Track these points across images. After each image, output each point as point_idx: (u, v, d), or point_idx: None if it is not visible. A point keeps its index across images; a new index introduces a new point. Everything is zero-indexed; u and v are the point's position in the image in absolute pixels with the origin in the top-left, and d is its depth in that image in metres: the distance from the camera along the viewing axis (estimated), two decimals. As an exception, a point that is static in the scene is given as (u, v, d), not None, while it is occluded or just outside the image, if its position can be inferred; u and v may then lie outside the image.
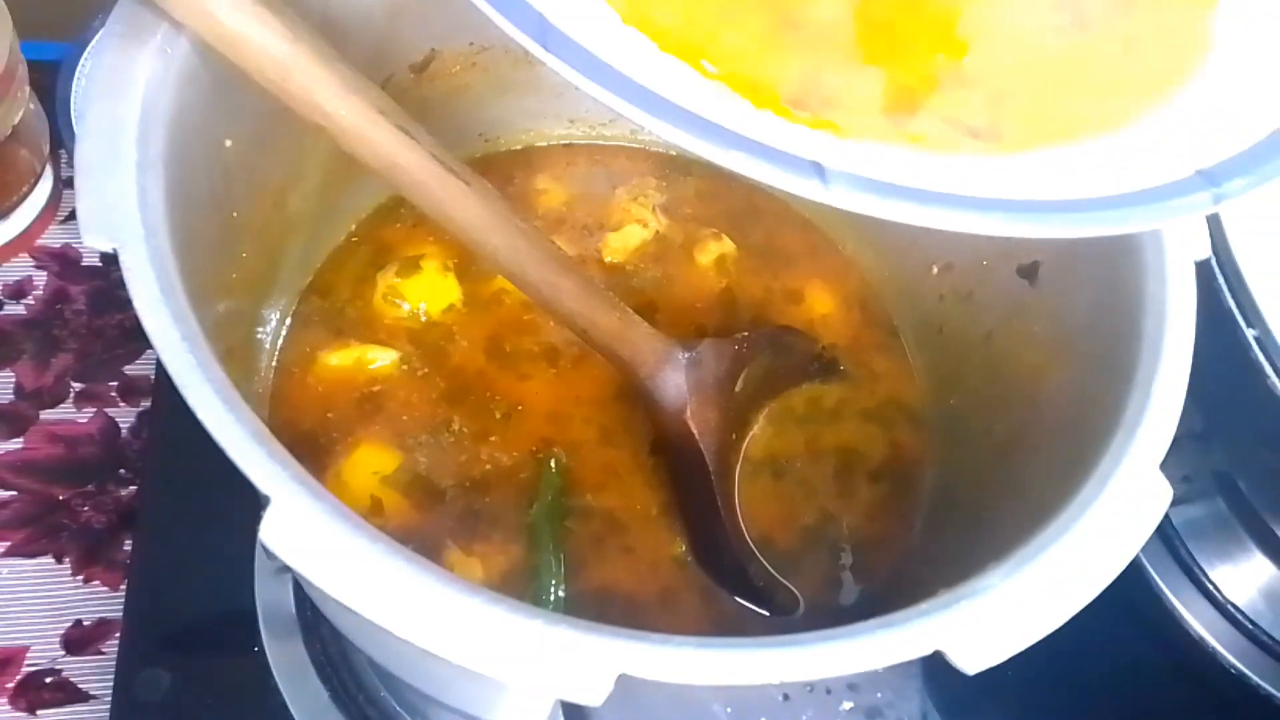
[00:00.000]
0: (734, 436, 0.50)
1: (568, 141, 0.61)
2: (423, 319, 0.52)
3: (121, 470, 0.64)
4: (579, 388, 0.51)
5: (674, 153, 0.62)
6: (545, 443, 0.49)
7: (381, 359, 0.51)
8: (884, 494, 0.51)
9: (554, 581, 0.46)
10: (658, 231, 0.58)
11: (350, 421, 0.49)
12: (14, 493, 0.62)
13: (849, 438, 0.52)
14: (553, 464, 0.48)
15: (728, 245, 0.57)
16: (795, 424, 0.52)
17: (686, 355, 0.48)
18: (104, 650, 0.58)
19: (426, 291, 0.52)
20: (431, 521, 0.47)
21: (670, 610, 0.46)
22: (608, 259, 0.57)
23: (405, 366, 0.51)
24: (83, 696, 0.57)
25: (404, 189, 0.41)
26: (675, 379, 0.47)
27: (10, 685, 0.57)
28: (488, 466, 0.48)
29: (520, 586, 0.45)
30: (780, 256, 0.58)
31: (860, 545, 0.49)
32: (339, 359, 0.50)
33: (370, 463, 0.48)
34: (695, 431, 0.47)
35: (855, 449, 0.52)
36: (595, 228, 0.58)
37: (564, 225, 0.58)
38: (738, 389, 0.49)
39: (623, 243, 0.57)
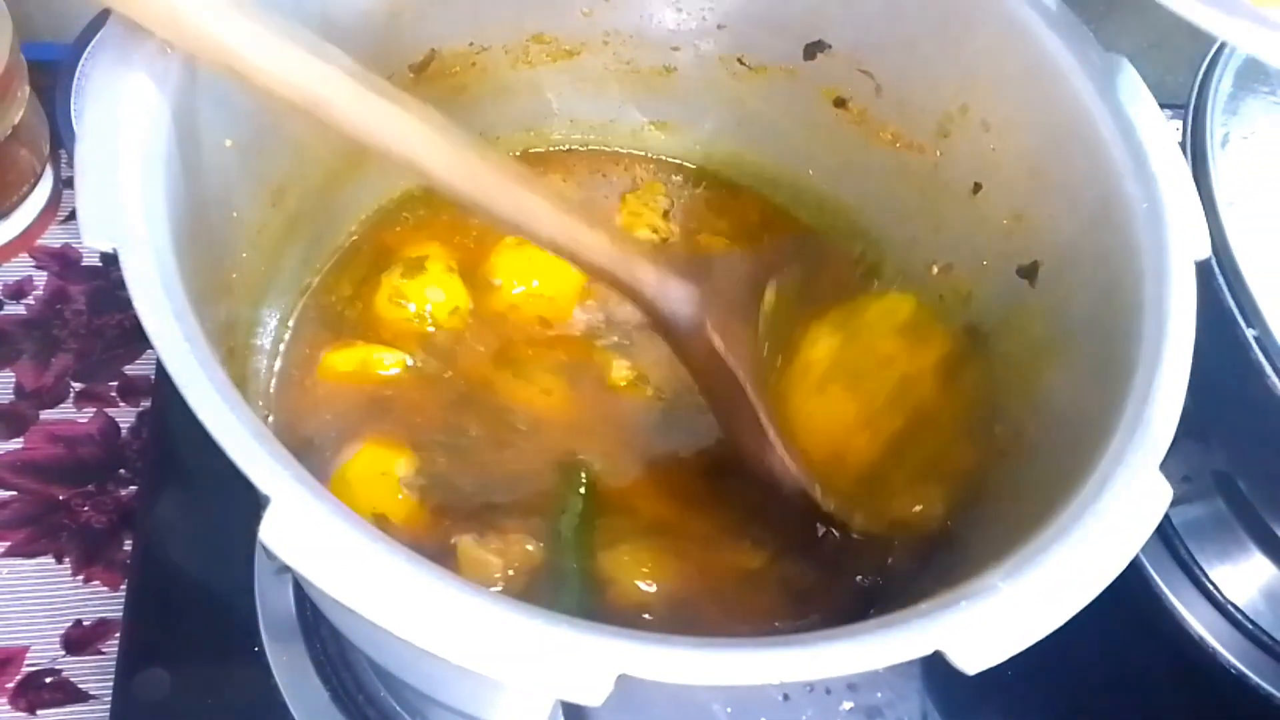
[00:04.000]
0: (779, 357, 0.46)
1: (567, 146, 0.61)
2: (429, 320, 0.52)
3: (121, 470, 0.64)
4: (589, 386, 0.51)
5: (675, 160, 0.62)
6: (560, 443, 0.49)
7: (388, 360, 0.50)
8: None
9: (581, 592, 0.45)
10: (666, 239, 0.58)
11: (355, 423, 0.49)
12: (14, 493, 0.62)
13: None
14: (582, 474, 0.48)
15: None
16: (854, 336, 0.49)
17: (695, 270, 0.44)
18: (104, 650, 0.58)
19: (432, 292, 0.52)
20: (439, 524, 0.46)
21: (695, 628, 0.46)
22: None
23: (411, 367, 0.51)
24: (83, 696, 0.57)
25: (339, 123, 0.38)
26: (688, 294, 0.44)
27: (10, 685, 0.57)
28: (497, 468, 0.48)
29: (539, 595, 0.45)
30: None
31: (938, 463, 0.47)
32: (344, 360, 0.50)
33: (375, 464, 0.47)
34: (720, 345, 0.43)
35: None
36: None
37: None
38: (768, 304, 0.46)
39: None
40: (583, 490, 0.47)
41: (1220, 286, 0.48)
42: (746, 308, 0.45)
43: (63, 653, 0.58)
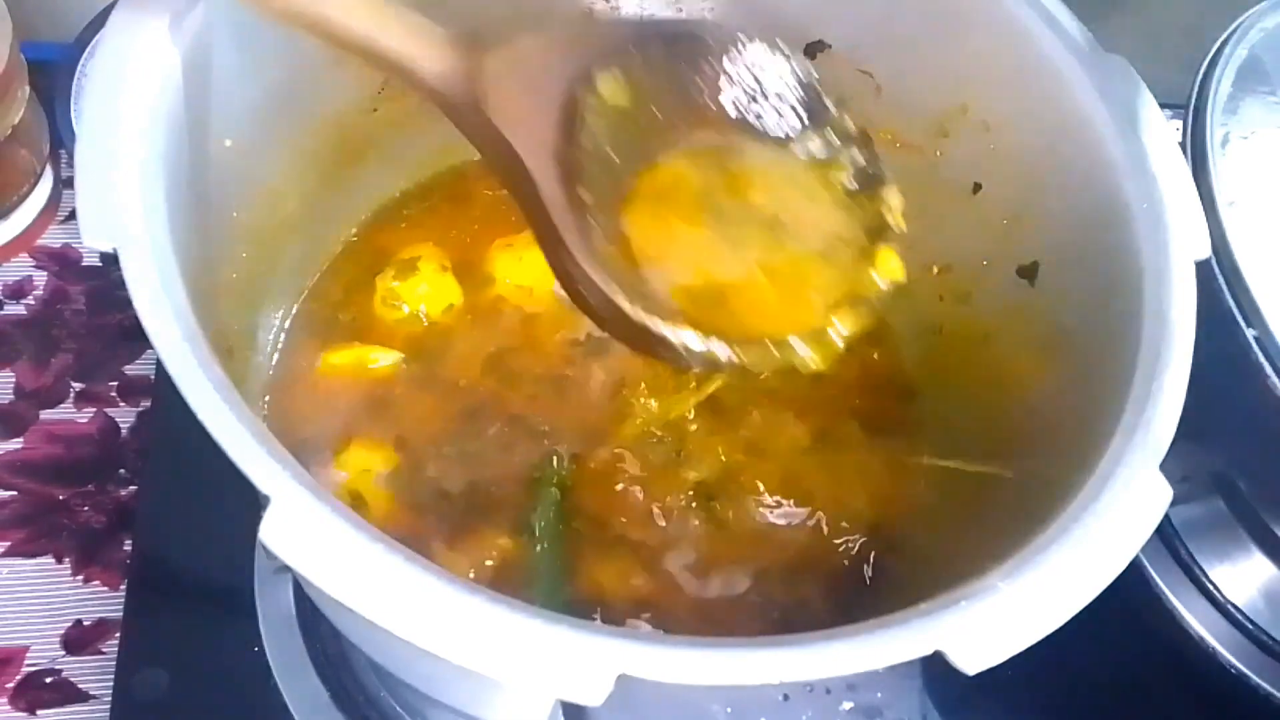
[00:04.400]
0: (629, 159, 0.39)
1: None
2: (423, 320, 0.52)
3: (121, 470, 0.64)
4: (580, 385, 0.51)
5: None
6: (544, 446, 0.49)
7: (383, 359, 0.51)
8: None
9: (557, 583, 0.45)
10: None
11: (350, 422, 0.49)
12: (13, 493, 0.62)
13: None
14: (554, 461, 0.48)
15: None
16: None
17: (485, 42, 0.39)
18: (104, 650, 0.58)
19: (425, 293, 0.52)
20: (426, 521, 0.47)
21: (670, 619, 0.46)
22: None
23: (406, 367, 0.51)
24: (83, 696, 0.57)
25: None
26: (456, 66, 0.38)
27: (10, 685, 0.57)
28: (481, 468, 0.48)
29: (516, 589, 0.46)
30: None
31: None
32: (340, 359, 0.50)
33: (364, 461, 0.48)
34: (505, 129, 0.38)
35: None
36: None
37: None
38: (609, 94, 0.39)
39: None
40: (557, 494, 0.47)
41: (1220, 286, 0.48)
42: (556, 88, 0.39)
43: (63, 653, 0.58)
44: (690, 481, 0.49)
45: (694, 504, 0.49)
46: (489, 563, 0.46)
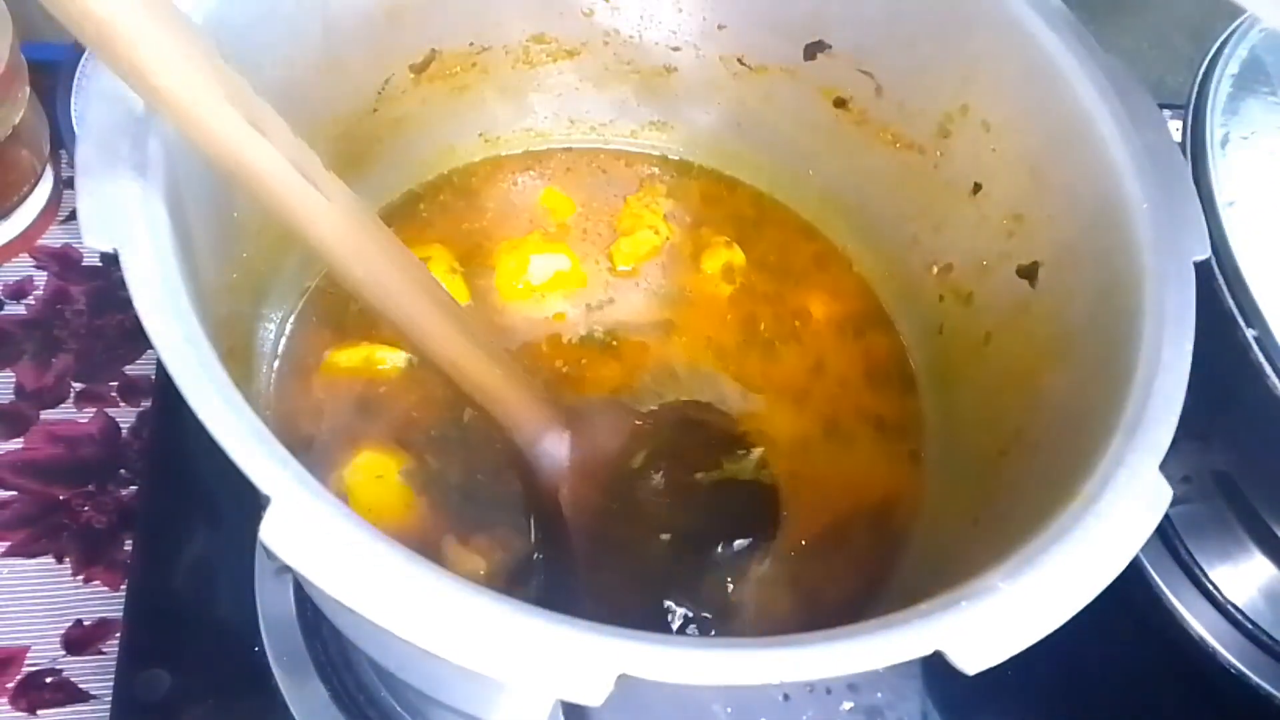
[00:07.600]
0: (626, 511, 0.47)
1: (568, 145, 0.61)
2: None
3: (121, 470, 0.64)
4: (586, 386, 0.52)
5: (676, 158, 0.62)
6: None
7: (391, 359, 0.51)
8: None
9: (564, 585, 0.45)
10: (668, 239, 0.58)
11: (355, 422, 0.49)
12: (14, 493, 0.62)
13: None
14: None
15: (737, 254, 0.57)
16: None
17: (569, 432, 0.45)
18: (104, 650, 0.58)
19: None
20: (431, 525, 0.47)
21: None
22: (620, 266, 0.56)
23: (413, 366, 0.51)
24: (83, 696, 0.57)
25: (255, 195, 0.35)
26: (554, 452, 0.45)
27: (10, 685, 0.57)
28: (489, 467, 0.48)
29: (526, 585, 0.46)
30: (783, 261, 0.58)
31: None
32: (347, 359, 0.50)
33: (373, 468, 0.48)
34: (566, 511, 0.45)
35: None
36: (608, 233, 0.58)
37: (573, 232, 0.58)
38: (637, 465, 0.48)
39: (634, 249, 0.57)
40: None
41: (1220, 286, 0.48)
42: (610, 473, 0.46)
43: (63, 653, 0.58)
44: (695, 482, 0.49)
45: (698, 504, 0.49)
46: (502, 565, 0.46)
